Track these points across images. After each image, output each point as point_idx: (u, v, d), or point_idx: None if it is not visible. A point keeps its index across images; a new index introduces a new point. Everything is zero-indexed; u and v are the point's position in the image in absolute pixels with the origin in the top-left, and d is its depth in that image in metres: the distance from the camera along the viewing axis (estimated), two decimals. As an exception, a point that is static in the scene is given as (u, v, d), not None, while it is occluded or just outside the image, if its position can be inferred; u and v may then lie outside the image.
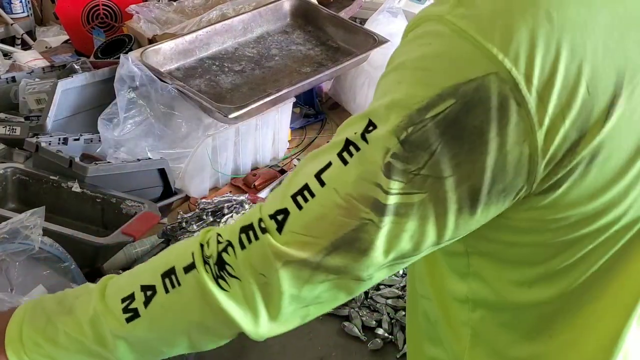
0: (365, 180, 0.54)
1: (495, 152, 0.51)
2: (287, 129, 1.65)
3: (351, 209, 0.55)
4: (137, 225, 1.15)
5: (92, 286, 0.68)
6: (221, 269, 0.59)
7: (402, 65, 0.56)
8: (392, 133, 0.53)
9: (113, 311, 0.63)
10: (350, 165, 0.55)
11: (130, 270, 0.69)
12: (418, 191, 0.54)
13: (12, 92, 1.63)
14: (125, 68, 1.40)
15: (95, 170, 1.25)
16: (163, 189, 1.38)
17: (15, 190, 1.28)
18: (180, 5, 1.95)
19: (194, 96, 1.40)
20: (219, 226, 1.15)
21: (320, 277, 0.58)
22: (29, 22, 2.58)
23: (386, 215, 0.54)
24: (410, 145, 0.52)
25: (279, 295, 0.58)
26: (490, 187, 0.53)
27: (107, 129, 1.42)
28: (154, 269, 0.64)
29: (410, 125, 0.52)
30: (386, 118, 0.54)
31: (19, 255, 0.95)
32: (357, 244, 0.56)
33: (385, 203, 0.54)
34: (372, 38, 1.67)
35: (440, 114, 0.51)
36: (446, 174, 0.53)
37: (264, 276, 0.58)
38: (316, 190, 0.56)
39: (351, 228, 0.55)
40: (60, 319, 0.66)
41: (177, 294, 0.61)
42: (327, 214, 0.56)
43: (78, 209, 1.25)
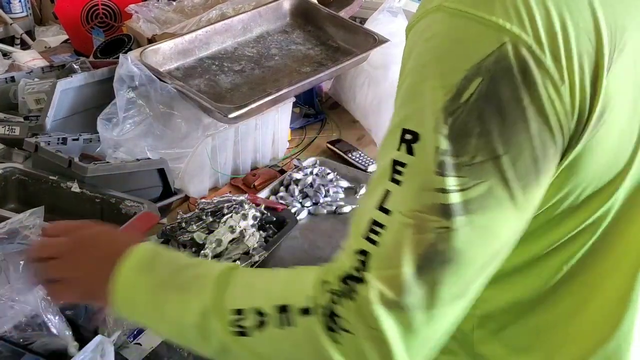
0: (424, 190, 0.53)
1: (535, 116, 0.52)
2: (287, 129, 1.65)
3: (420, 223, 0.53)
4: (136, 226, 1.15)
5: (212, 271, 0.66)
6: (333, 321, 0.57)
7: (417, 66, 0.56)
8: (433, 132, 0.53)
9: (224, 317, 0.62)
10: (404, 182, 0.54)
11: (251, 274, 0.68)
12: (480, 180, 0.53)
13: (11, 92, 1.62)
14: (124, 68, 1.40)
15: (95, 170, 1.25)
16: (162, 189, 1.38)
17: (14, 190, 1.28)
18: (180, 5, 1.94)
19: (194, 96, 1.39)
20: (218, 226, 1.14)
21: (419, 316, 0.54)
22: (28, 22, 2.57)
23: (457, 216, 0.53)
24: (456, 136, 0.52)
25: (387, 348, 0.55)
26: (543, 152, 0.54)
27: (106, 128, 1.41)
28: (269, 295, 0.62)
29: (449, 116, 0.52)
30: (421, 121, 0.54)
31: (18, 256, 0.95)
32: (439, 258, 0.53)
33: (450, 203, 0.53)
34: (372, 38, 1.67)
35: (473, 95, 0.52)
36: (500, 151, 0.52)
37: (375, 330, 0.55)
38: (384, 221, 0.55)
39: (428, 243, 0.53)
40: (172, 293, 0.65)
41: (289, 332, 0.59)
42: (400, 240, 0.54)
43: (77, 209, 1.25)
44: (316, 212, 1.40)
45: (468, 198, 0.53)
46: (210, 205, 1.20)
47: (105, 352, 0.82)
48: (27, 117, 1.50)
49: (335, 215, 1.40)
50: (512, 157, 0.53)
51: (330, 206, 1.41)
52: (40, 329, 0.85)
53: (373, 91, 1.70)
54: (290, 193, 1.44)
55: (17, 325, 0.84)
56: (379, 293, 0.54)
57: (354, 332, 0.56)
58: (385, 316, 0.54)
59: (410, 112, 0.55)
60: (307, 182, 1.45)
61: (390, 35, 1.70)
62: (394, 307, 0.54)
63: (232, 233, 1.14)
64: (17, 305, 0.86)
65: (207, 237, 1.13)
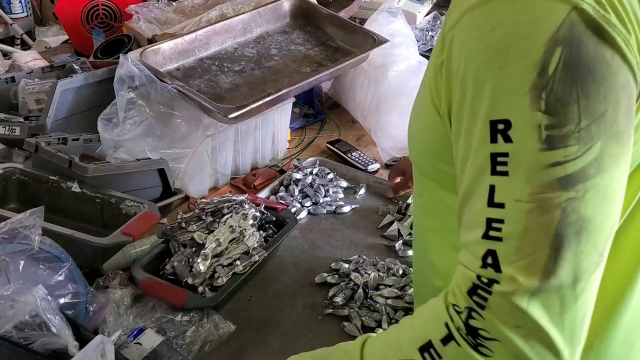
0: (536, 171, 0.54)
1: (620, 67, 0.54)
2: (287, 129, 1.65)
3: (543, 203, 0.54)
4: (136, 225, 1.15)
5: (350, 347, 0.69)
6: (475, 337, 0.57)
7: (489, 57, 0.56)
8: (530, 110, 0.53)
9: None
10: (512, 172, 0.55)
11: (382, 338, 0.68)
12: (591, 143, 0.53)
13: (12, 92, 1.63)
14: (124, 68, 1.40)
15: (95, 170, 1.25)
16: (162, 189, 1.38)
17: (14, 191, 1.28)
18: (180, 6, 1.95)
19: (194, 96, 1.40)
20: (218, 226, 1.15)
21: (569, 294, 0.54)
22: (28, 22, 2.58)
23: (579, 182, 0.53)
24: (555, 108, 0.53)
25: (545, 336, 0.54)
26: (633, 101, 0.55)
27: (106, 129, 1.42)
28: (408, 343, 0.62)
29: (542, 91, 0.53)
30: (511, 106, 0.54)
31: (18, 255, 0.95)
32: (572, 229, 0.53)
33: (568, 174, 0.53)
34: (372, 38, 1.67)
35: (559, 64, 0.53)
36: (601, 109, 0.53)
37: (520, 327, 0.55)
38: (502, 216, 0.55)
39: (557, 219, 0.53)
40: None
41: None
42: (527, 226, 0.54)
43: (77, 209, 1.25)
44: (316, 212, 1.40)
45: (585, 164, 0.53)
46: (210, 205, 1.20)
47: (105, 352, 0.83)
48: (28, 118, 1.50)
49: (335, 215, 1.40)
50: (613, 112, 0.54)
51: (330, 206, 1.42)
52: (40, 329, 0.85)
53: (373, 91, 1.71)
54: (290, 193, 1.44)
55: (17, 325, 0.84)
56: (518, 285, 0.54)
57: (500, 338, 0.56)
58: (531, 306, 0.54)
59: (491, 101, 0.55)
60: (306, 182, 1.46)
61: (390, 35, 1.71)
62: (538, 293, 0.54)
63: (232, 233, 1.14)
64: (17, 305, 0.86)
65: (207, 236, 1.13)
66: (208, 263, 1.09)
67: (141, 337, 0.98)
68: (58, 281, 0.97)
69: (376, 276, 1.16)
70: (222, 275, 1.07)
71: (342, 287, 1.15)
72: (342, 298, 1.12)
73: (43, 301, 0.86)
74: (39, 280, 0.93)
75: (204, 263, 1.09)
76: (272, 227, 1.23)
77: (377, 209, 1.42)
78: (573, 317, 0.55)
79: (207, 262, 1.09)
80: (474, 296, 0.57)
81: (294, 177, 1.48)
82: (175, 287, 1.07)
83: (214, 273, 1.09)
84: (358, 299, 1.12)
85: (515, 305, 0.54)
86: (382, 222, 1.36)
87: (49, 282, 0.95)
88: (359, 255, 1.24)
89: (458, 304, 0.58)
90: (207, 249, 1.11)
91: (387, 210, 1.40)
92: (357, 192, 1.48)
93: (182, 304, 1.03)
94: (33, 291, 0.86)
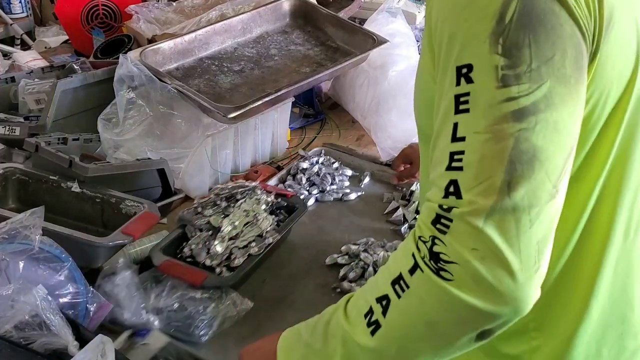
0: (492, 106, 0.60)
1: (567, 19, 0.61)
2: (287, 129, 1.65)
3: (498, 133, 0.59)
4: (136, 225, 1.15)
5: (336, 307, 0.74)
6: (437, 262, 0.61)
7: (453, 13, 0.63)
8: (489, 53, 0.60)
9: (357, 328, 0.68)
10: (472, 108, 0.61)
11: (362, 287, 0.73)
12: (541, 82, 0.60)
13: (12, 92, 1.63)
14: (124, 68, 1.40)
15: (95, 170, 1.25)
16: (163, 189, 1.38)
17: (14, 190, 1.28)
18: (180, 6, 1.95)
19: (193, 96, 1.40)
20: (233, 210, 1.20)
21: (524, 217, 0.59)
22: (28, 23, 2.58)
23: (530, 115, 0.59)
24: (510, 50, 0.59)
25: (500, 256, 0.58)
26: (580, 50, 0.62)
27: (106, 129, 1.42)
28: (383, 280, 0.67)
29: (499, 36, 0.60)
30: (473, 51, 0.61)
31: (18, 255, 0.95)
32: (525, 157, 0.59)
33: (520, 107, 0.59)
34: (372, 38, 1.67)
35: (514, 14, 0.59)
36: (550, 53, 0.60)
37: (477, 250, 0.59)
38: (462, 147, 0.61)
39: (510, 147, 0.59)
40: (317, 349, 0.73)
41: (408, 296, 0.64)
42: (484, 153, 0.59)
43: (78, 209, 1.25)
44: (323, 199, 1.45)
45: (535, 99, 0.59)
46: (225, 191, 1.24)
47: (106, 352, 0.83)
48: (28, 117, 1.50)
49: (341, 202, 1.45)
50: (560, 57, 0.60)
51: (336, 193, 1.46)
52: (40, 329, 0.85)
53: (372, 91, 1.71)
54: (298, 181, 1.48)
55: (17, 325, 0.85)
56: (476, 207, 0.59)
57: (458, 261, 0.60)
58: (487, 226, 0.58)
59: (458, 50, 0.62)
60: (313, 171, 1.50)
61: (390, 35, 1.71)
62: (493, 213, 0.58)
63: (247, 217, 1.19)
64: (17, 305, 0.86)
65: (222, 220, 1.17)
66: (225, 245, 1.14)
67: (148, 337, 0.99)
68: (58, 281, 0.97)
69: (385, 255, 1.20)
70: (239, 257, 1.13)
71: (352, 266, 1.19)
72: (353, 276, 1.16)
73: (43, 301, 0.86)
74: (39, 280, 0.93)
75: (220, 245, 1.14)
76: (283, 212, 1.28)
77: (382, 195, 1.46)
78: (528, 241, 0.59)
79: (224, 244, 1.14)
80: (437, 224, 0.61)
81: (301, 167, 1.51)
82: (194, 268, 1.12)
83: (230, 254, 1.14)
84: (369, 277, 1.15)
85: (472, 225, 0.59)
86: (388, 208, 1.40)
87: (49, 282, 0.95)
88: (366, 238, 1.27)
89: (423, 235, 0.63)
90: (223, 231, 1.15)
91: (392, 197, 1.44)
92: (362, 180, 1.52)
93: (202, 283, 1.08)
94: (33, 291, 0.86)
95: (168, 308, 1.04)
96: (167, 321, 1.03)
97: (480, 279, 0.59)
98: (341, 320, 0.70)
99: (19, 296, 0.86)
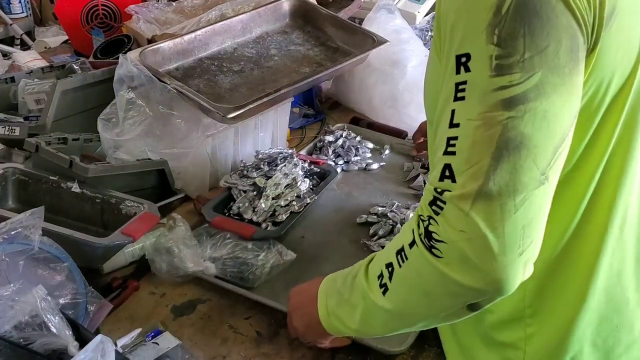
0: (485, 94, 0.62)
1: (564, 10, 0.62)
2: (286, 129, 1.66)
3: (488, 120, 0.62)
4: (136, 226, 1.15)
5: (360, 264, 0.82)
6: (429, 239, 0.66)
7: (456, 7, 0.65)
8: (485, 44, 0.62)
9: (373, 287, 0.76)
10: (467, 95, 0.63)
11: (382, 250, 0.79)
12: (533, 72, 0.61)
13: (12, 92, 1.63)
14: (124, 68, 1.40)
15: (96, 170, 1.25)
16: (163, 189, 1.38)
17: (14, 191, 1.28)
18: (180, 6, 1.95)
19: (193, 96, 1.40)
20: (275, 174, 1.33)
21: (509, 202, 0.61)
22: (28, 23, 2.58)
23: (519, 104, 0.61)
24: (505, 41, 0.61)
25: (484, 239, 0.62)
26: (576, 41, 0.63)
27: (106, 129, 1.42)
28: (392, 248, 0.73)
29: (495, 27, 0.61)
30: (471, 41, 0.63)
31: (18, 256, 0.95)
32: (511, 144, 0.61)
33: (510, 96, 0.61)
34: (371, 38, 1.68)
35: (510, 6, 0.61)
36: (544, 44, 0.61)
37: (464, 232, 0.63)
38: (457, 133, 0.64)
39: (498, 134, 0.61)
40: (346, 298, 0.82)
41: (407, 267, 0.71)
42: (475, 139, 0.62)
43: (77, 209, 1.25)
44: (348, 169, 1.57)
45: (526, 89, 0.61)
46: (266, 156, 1.39)
47: (106, 352, 0.83)
48: (27, 118, 1.50)
49: (365, 171, 1.58)
50: (554, 48, 0.62)
51: (360, 164, 1.58)
52: (40, 329, 0.85)
53: (390, 88, 1.73)
54: (324, 153, 1.60)
55: (17, 325, 0.85)
56: (464, 191, 0.62)
57: (447, 241, 0.64)
58: (473, 209, 0.62)
59: (459, 40, 0.64)
60: (338, 144, 1.62)
61: (395, 32, 1.73)
62: (480, 197, 0.62)
63: (286, 179, 1.33)
64: (17, 305, 0.86)
65: (266, 182, 1.31)
66: (269, 203, 1.28)
67: (159, 338, 1.00)
68: (58, 281, 0.97)
69: (411, 214, 1.30)
70: (282, 213, 1.28)
71: (381, 224, 1.31)
72: (382, 233, 1.29)
73: (43, 301, 0.86)
74: (39, 280, 0.93)
75: (265, 203, 1.28)
76: (315, 178, 1.43)
77: (402, 165, 1.59)
78: (513, 225, 0.62)
79: (268, 203, 1.29)
80: (433, 206, 0.65)
81: (326, 140, 1.62)
82: (243, 222, 1.26)
83: (274, 212, 1.28)
84: (397, 231, 1.25)
85: (460, 209, 0.63)
86: (409, 176, 1.53)
87: (49, 282, 0.95)
88: (391, 201, 1.39)
89: (423, 214, 0.67)
90: (267, 191, 1.29)
91: (411, 167, 1.56)
92: (383, 152, 1.64)
93: (252, 235, 1.21)
94: (33, 291, 0.86)
95: (224, 257, 1.16)
96: (223, 268, 1.15)
97: (465, 259, 0.63)
98: (362, 278, 0.78)
99: (18, 296, 0.86)
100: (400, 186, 1.50)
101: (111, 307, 1.03)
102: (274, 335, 1.06)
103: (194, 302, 1.13)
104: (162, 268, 1.14)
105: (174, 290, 1.16)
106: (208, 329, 1.07)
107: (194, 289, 1.16)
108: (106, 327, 1.05)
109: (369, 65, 1.73)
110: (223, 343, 1.05)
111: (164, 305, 1.12)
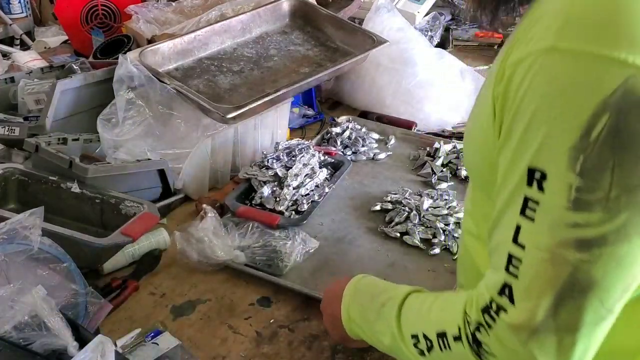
0: (557, 227, 0.56)
1: None
2: (286, 129, 1.65)
3: (557, 257, 0.56)
4: (136, 226, 1.15)
5: (396, 295, 0.80)
6: (479, 347, 0.64)
7: (541, 107, 0.56)
8: (566, 170, 0.54)
9: (405, 340, 0.75)
10: (537, 220, 0.57)
11: (419, 303, 0.78)
12: (618, 213, 0.54)
13: (11, 92, 1.62)
14: (123, 68, 1.40)
15: (95, 171, 1.25)
16: (162, 190, 1.38)
17: (14, 191, 1.28)
18: (179, 6, 1.95)
19: (192, 96, 1.40)
20: (294, 165, 1.37)
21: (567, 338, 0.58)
22: (27, 23, 2.58)
23: (595, 247, 0.55)
24: (589, 173, 0.54)
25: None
26: None
27: (106, 129, 1.42)
28: (432, 323, 0.72)
29: (580, 153, 0.54)
30: (550, 160, 0.56)
31: (18, 256, 0.95)
32: (578, 287, 0.56)
33: (586, 238, 0.55)
34: (371, 38, 1.68)
35: (602, 130, 0.53)
36: (635, 183, 0.53)
37: (518, 354, 0.60)
38: (521, 255, 0.59)
39: (566, 274, 0.56)
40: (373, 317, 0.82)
41: (448, 355, 0.69)
42: (539, 271, 0.58)
43: (77, 209, 1.25)
44: (357, 159, 1.61)
45: (605, 232, 0.54)
46: (285, 147, 1.44)
47: (106, 352, 0.83)
48: (27, 118, 1.50)
49: (373, 160, 1.61)
50: None
51: (367, 154, 1.62)
52: (40, 329, 0.85)
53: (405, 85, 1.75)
54: (333, 144, 1.63)
55: (17, 326, 0.84)
56: (522, 321, 0.59)
57: (498, 356, 0.62)
58: (530, 341, 0.59)
59: (536, 148, 0.57)
60: (345, 135, 1.65)
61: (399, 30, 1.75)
62: (537, 332, 0.58)
63: (305, 169, 1.38)
64: (16, 305, 0.86)
65: (287, 172, 1.36)
66: (291, 193, 1.33)
67: (158, 338, 1.01)
68: (58, 281, 0.97)
69: (425, 201, 1.35)
70: (304, 202, 1.32)
71: (397, 211, 1.35)
72: (399, 219, 1.32)
73: (42, 301, 0.86)
74: (38, 280, 0.93)
75: (288, 192, 1.32)
76: (329, 168, 1.46)
77: (408, 154, 1.63)
78: (569, 358, 0.59)
79: (290, 192, 1.33)
80: (485, 315, 0.63)
81: (334, 132, 1.65)
82: (267, 211, 1.30)
83: (295, 201, 1.32)
84: (413, 217, 1.31)
85: (516, 337, 0.60)
86: (416, 164, 1.58)
87: (48, 283, 0.95)
88: (403, 189, 1.44)
89: (470, 316, 0.65)
90: (289, 180, 1.34)
91: (418, 155, 1.61)
92: (389, 142, 1.68)
93: (277, 223, 1.25)
94: (33, 291, 0.86)
95: (253, 245, 1.20)
96: (252, 256, 1.19)
97: None
98: (393, 319, 0.78)
99: (18, 296, 0.86)
100: (408, 174, 1.55)
101: (111, 307, 1.03)
102: (274, 335, 1.06)
103: (194, 303, 1.13)
104: (194, 257, 1.17)
105: (173, 291, 1.16)
106: (207, 330, 1.07)
107: (193, 289, 1.16)
108: (106, 327, 1.05)
109: (380, 64, 1.75)
110: (223, 343, 1.05)
111: (164, 306, 1.12)
